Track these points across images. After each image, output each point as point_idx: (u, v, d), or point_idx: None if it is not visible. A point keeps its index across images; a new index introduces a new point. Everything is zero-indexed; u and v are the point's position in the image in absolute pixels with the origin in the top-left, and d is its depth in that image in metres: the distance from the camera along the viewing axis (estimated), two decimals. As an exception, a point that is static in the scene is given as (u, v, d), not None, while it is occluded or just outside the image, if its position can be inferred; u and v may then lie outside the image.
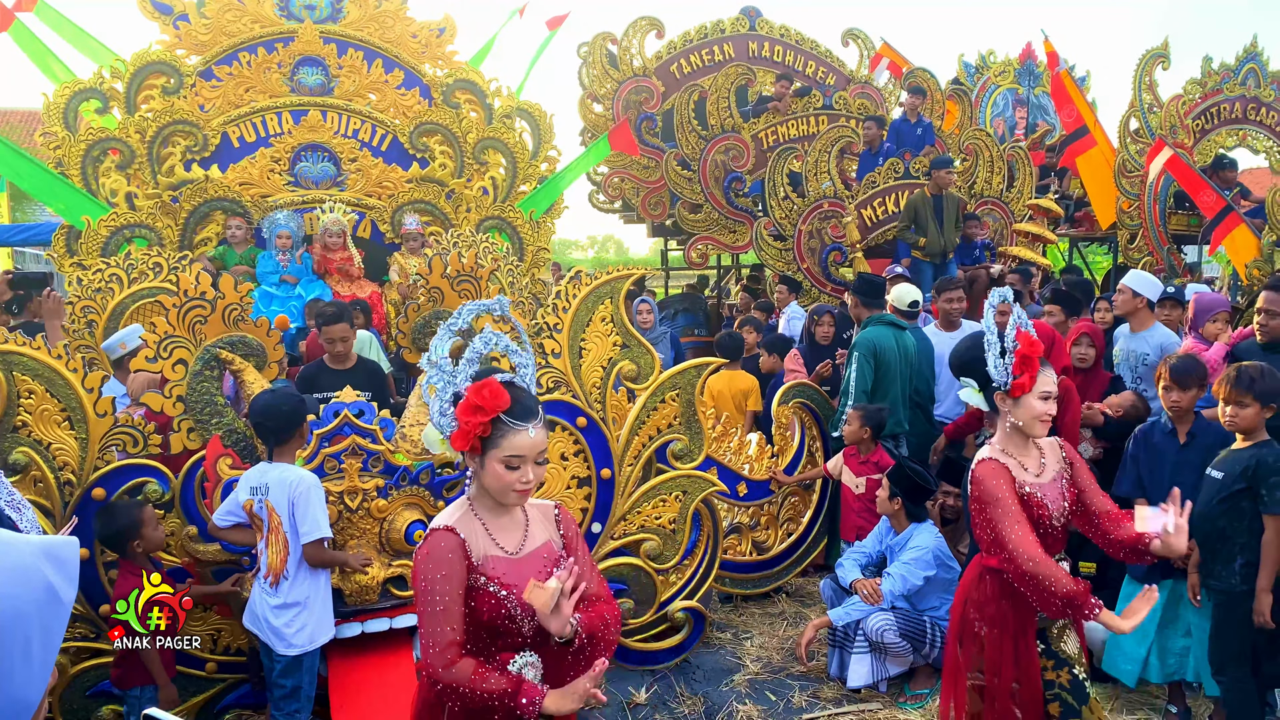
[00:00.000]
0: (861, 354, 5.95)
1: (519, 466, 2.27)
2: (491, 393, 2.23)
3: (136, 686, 3.80)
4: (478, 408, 2.23)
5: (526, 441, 2.26)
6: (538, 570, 2.34)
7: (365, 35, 8.58)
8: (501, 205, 8.50)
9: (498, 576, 2.30)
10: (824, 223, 9.93)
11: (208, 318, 4.27)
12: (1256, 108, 11.49)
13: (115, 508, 3.86)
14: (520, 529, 2.42)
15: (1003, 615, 3.07)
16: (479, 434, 2.24)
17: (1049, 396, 3.01)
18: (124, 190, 7.53)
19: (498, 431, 2.25)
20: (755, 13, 13.74)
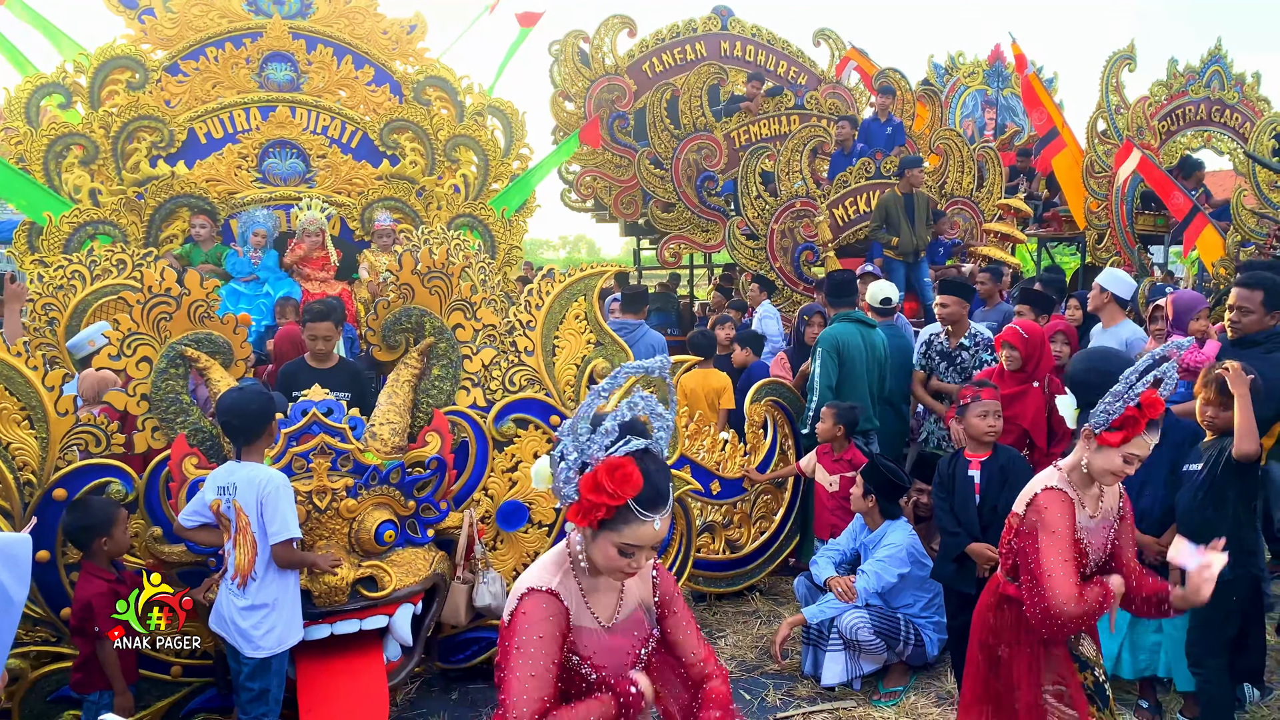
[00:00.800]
0: (824, 350, 5.97)
1: (634, 554, 2.07)
2: (624, 477, 2.00)
3: (95, 692, 3.72)
4: (607, 491, 2.00)
5: (650, 533, 2.05)
6: (628, 644, 2.21)
7: (335, 31, 8.49)
8: (473, 203, 8.44)
9: (589, 657, 2.14)
10: (796, 222, 9.94)
11: (173, 314, 4.20)
12: (1221, 110, 11.65)
13: (91, 503, 3.80)
14: (615, 593, 2.24)
15: (1024, 638, 3.00)
16: (601, 516, 2.03)
17: (1133, 461, 2.82)
18: (87, 186, 7.41)
19: (620, 518, 2.03)
20: (727, 12, 13.76)
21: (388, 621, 4.12)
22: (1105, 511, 2.98)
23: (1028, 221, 12.01)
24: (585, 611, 2.16)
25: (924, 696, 4.78)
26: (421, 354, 4.60)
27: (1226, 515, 3.98)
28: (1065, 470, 2.95)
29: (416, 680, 4.76)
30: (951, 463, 4.56)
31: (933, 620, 4.93)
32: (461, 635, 4.68)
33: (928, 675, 4.97)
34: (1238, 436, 3.88)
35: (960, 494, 4.44)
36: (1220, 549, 2.84)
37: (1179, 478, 4.21)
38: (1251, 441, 3.88)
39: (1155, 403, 2.79)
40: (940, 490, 4.55)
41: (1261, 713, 4.46)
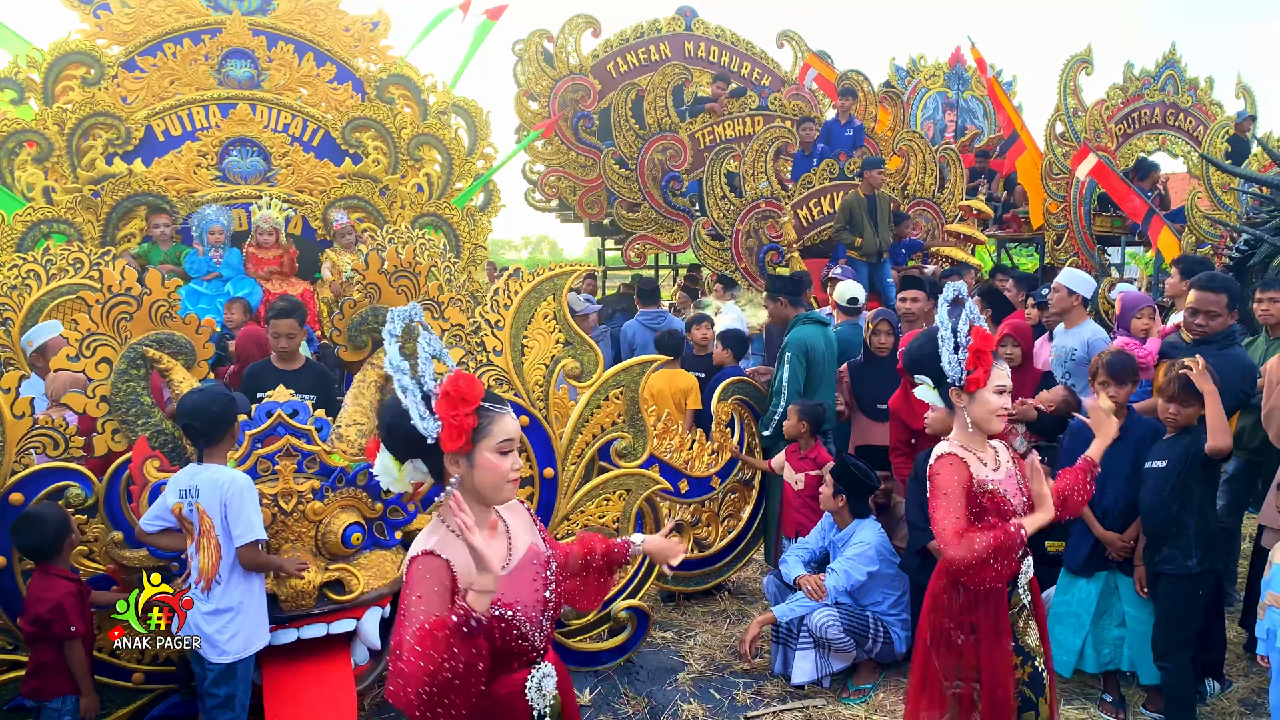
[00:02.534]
0: (794, 354, 5.99)
1: (510, 451, 2.19)
2: (467, 381, 2.13)
3: (57, 698, 3.63)
4: (461, 399, 2.11)
5: (512, 423, 2.21)
6: (531, 578, 2.28)
7: (296, 28, 8.40)
8: (437, 202, 8.38)
9: (498, 598, 2.15)
10: (761, 222, 9.99)
11: (133, 314, 4.10)
12: (1175, 113, 11.87)
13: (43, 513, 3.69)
14: (503, 539, 2.32)
15: (980, 620, 3.03)
16: (472, 424, 2.13)
17: (1004, 390, 3.00)
18: (41, 184, 7.26)
19: (484, 420, 2.16)
20: (691, 13, 13.78)
21: (355, 625, 4.05)
22: (1004, 462, 3.11)
23: (988, 223, 12.16)
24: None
25: (893, 693, 4.81)
26: (398, 357, 4.54)
27: (1192, 511, 4.05)
28: (954, 437, 3.10)
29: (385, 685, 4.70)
30: (928, 456, 4.57)
31: (900, 618, 4.96)
32: (429, 638, 4.63)
33: (896, 672, 5.00)
34: (1211, 432, 3.95)
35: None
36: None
37: (1141, 475, 4.27)
38: (1225, 437, 3.95)
39: (981, 333, 2.96)
40: (914, 484, 4.58)
41: (1223, 705, 4.54)
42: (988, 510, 2.97)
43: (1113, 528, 4.38)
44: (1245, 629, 5.04)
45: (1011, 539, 2.87)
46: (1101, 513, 4.41)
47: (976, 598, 3.03)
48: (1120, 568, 4.43)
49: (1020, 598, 3.11)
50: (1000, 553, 2.86)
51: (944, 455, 3.03)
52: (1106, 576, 4.47)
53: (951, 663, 3.08)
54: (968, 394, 2.99)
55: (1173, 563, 4.09)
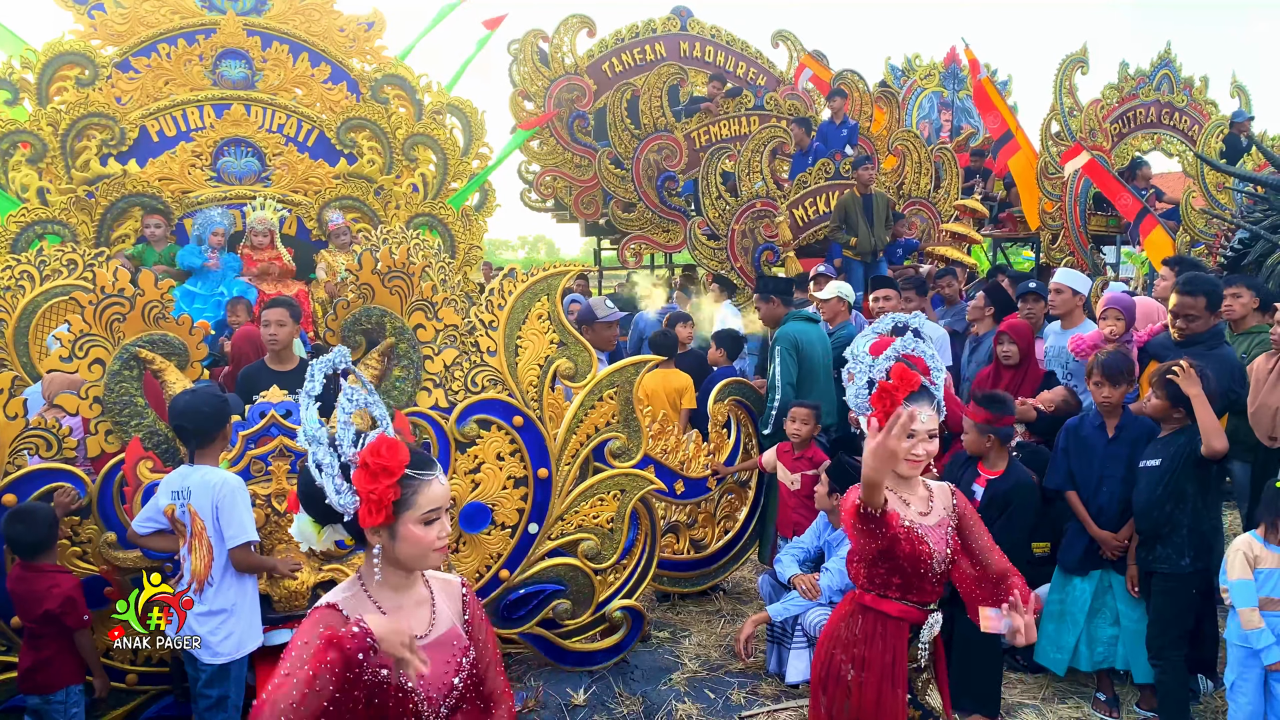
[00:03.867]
0: (783, 348, 6.01)
1: (436, 519, 2.03)
2: (389, 449, 1.95)
3: (61, 690, 3.66)
4: (383, 469, 1.93)
5: (441, 491, 2.03)
6: (444, 659, 2.08)
7: (291, 28, 8.39)
8: (432, 202, 8.37)
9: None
10: (757, 222, 9.98)
11: (126, 315, 4.10)
12: (1170, 112, 11.89)
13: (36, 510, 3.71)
14: (426, 608, 2.13)
15: (873, 658, 2.86)
16: (393, 498, 1.96)
17: (916, 435, 2.76)
18: (35, 185, 7.26)
19: (408, 490, 1.98)
20: (686, 13, 13.78)
21: (349, 626, 4.06)
22: (938, 511, 2.89)
23: (983, 222, 12.16)
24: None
25: None
26: (382, 355, 4.54)
27: (1185, 510, 4.06)
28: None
29: None
30: (962, 468, 4.55)
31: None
32: (424, 639, 4.63)
33: (890, 672, 4.99)
34: (1206, 435, 3.95)
35: None
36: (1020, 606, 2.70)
37: (1135, 474, 4.28)
38: (1221, 439, 3.96)
39: (903, 372, 2.74)
40: None
41: (1215, 703, 4.54)
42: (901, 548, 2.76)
43: (1107, 526, 4.38)
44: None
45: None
46: (1096, 511, 4.42)
47: (873, 631, 2.87)
48: (1114, 566, 4.44)
49: (919, 653, 2.93)
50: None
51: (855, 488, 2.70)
52: (1100, 575, 4.48)
53: (841, 701, 2.89)
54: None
55: (1166, 562, 4.10)
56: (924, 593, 2.87)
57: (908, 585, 2.84)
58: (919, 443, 2.79)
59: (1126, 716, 4.49)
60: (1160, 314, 5.52)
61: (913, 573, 2.81)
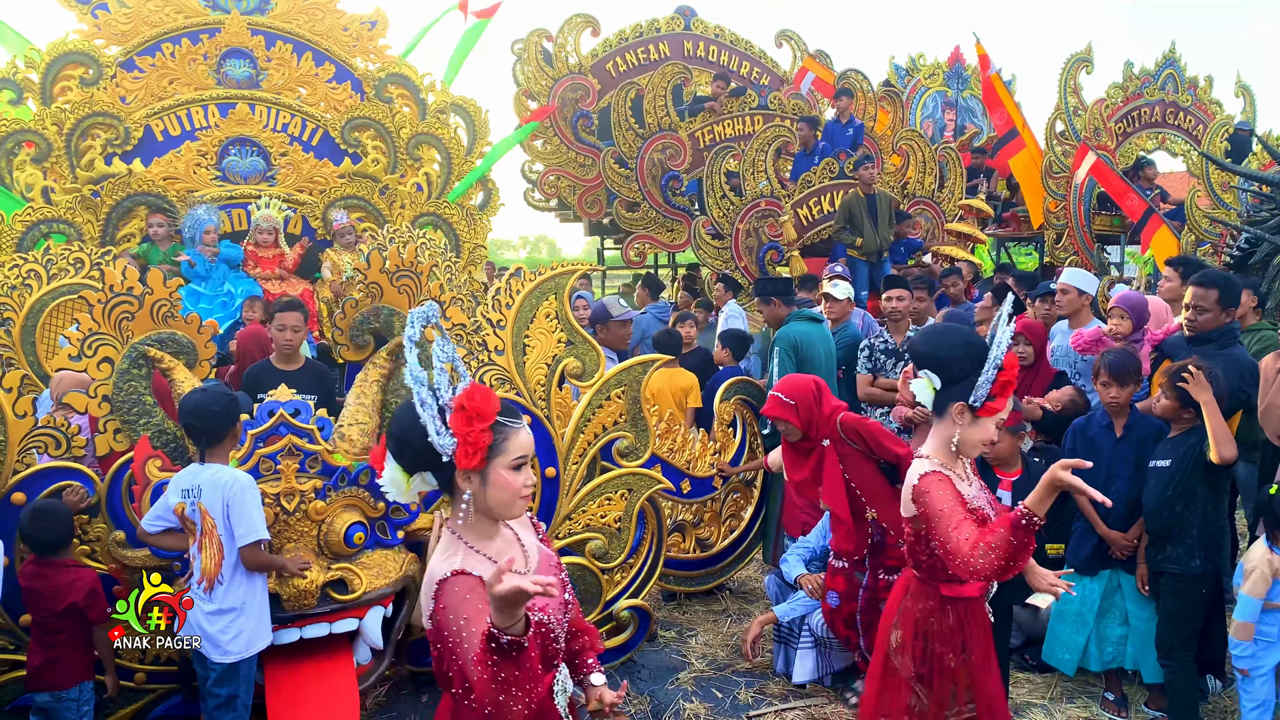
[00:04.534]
0: (782, 349, 6.03)
1: (523, 466, 2.13)
2: (483, 395, 2.05)
3: (76, 686, 3.68)
4: (478, 413, 2.03)
5: (527, 438, 2.15)
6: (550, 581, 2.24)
7: (294, 27, 8.39)
8: (436, 201, 8.37)
9: (530, 606, 2.04)
10: (761, 221, 9.99)
11: (135, 314, 4.10)
12: (1175, 112, 11.87)
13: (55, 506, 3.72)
14: (516, 545, 2.26)
15: (973, 640, 2.89)
16: (488, 441, 2.06)
17: (1002, 424, 2.90)
18: (40, 184, 7.26)
19: (499, 435, 2.09)
20: (690, 12, 13.79)
21: (358, 625, 4.05)
22: (979, 484, 2.95)
23: (987, 221, 12.16)
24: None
25: (894, 692, 4.80)
26: (390, 354, 4.54)
27: (1195, 510, 4.05)
28: (932, 454, 2.82)
29: (387, 683, 4.69)
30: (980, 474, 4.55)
31: (902, 616, 4.95)
32: (432, 638, 4.63)
33: (898, 671, 4.99)
34: (1215, 441, 3.93)
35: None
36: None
37: (1144, 473, 4.27)
38: (1230, 446, 3.95)
39: (1012, 362, 2.74)
40: None
41: (1224, 703, 4.54)
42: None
43: (1116, 526, 4.38)
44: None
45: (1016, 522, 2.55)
46: (1104, 511, 4.41)
47: (965, 617, 2.88)
48: (1123, 566, 4.43)
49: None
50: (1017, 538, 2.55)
51: (930, 473, 2.74)
52: (1109, 575, 4.47)
53: (948, 690, 2.89)
54: (975, 416, 2.75)
55: (1176, 562, 4.09)
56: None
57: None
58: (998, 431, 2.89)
59: (1135, 716, 4.49)
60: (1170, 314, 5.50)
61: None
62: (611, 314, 6.65)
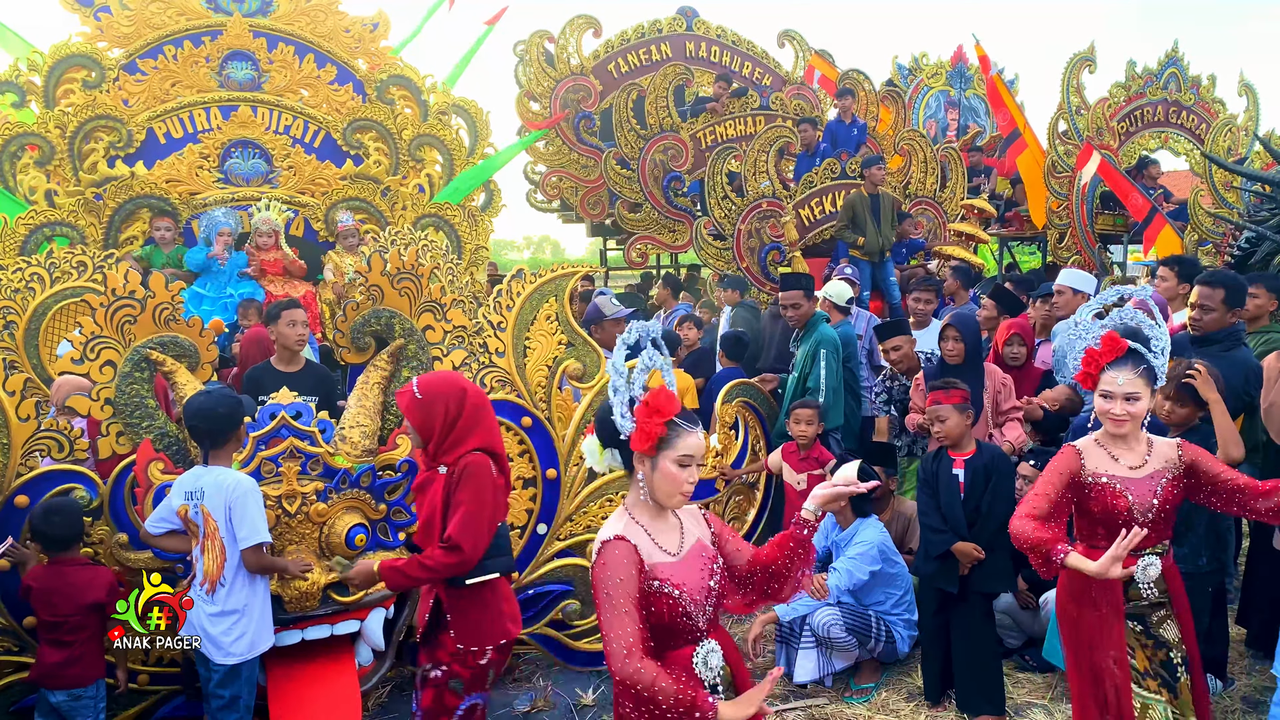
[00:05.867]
0: (829, 351, 6.03)
1: (689, 465, 2.47)
2: (667, 399, 2.45)
3: (93, 683, 3.71)
4: (656, 410, 2.42)
5: (697, 442, 2.48)
6: (699, 568, 2.54)
7: (296, 29, 8.40)
8: (438, 203, 8.38)
9: (668, 578, 2.46)
10: (763, 222, 9.97)
11: (137, 317, 4.12)
12: (1178, 111, 11.84)
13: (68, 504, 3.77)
14: (676, 531, 2.59)
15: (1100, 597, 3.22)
16: (660, 434, 2.42)
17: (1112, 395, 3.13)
18: (43, 187, 7.27)
19: (672, 433, 2.45)
20: (692, 13, 13.78)
21: (359, 626, 4.08)
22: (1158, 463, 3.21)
23: (990, 221, 12.15)
24: (654, 547, 2.49)
25: (895, 693, 4.82)
26: (391, 356, 4.55)
27: (1202, 511, 4.04)
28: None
29: (389, 685, 4.71)
30: (935, 461, 4.58)
31: (903, 617, 4.97)
32: (433, 639, 4.64)
33: (899, 672, 5.00)
34: (1223, 443, 3.95)
35: (946, 493, 4.46)
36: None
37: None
38: (1239, 446, 3.99)
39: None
40: (925, 488, 4.58)
41: (1225, 703, 4.54)
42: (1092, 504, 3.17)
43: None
44: (1243, 626, 5.03)
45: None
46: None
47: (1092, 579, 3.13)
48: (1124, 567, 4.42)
49: (1143, 592, 3.23)
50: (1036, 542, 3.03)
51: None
52: (1109, 575, 4.47)
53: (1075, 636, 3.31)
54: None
55: (1184, 561, 4.08)
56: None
57: (1111, 534, 3.04)
58: (1117, 402, 3.12)
59: (1136, 716, 4.49)
60: None
61: (1110, 524, 3.12)
62: (605, 314, 6.66)
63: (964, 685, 4.50)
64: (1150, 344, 3.19)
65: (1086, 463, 3.20)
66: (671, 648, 2.49)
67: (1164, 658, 3.26)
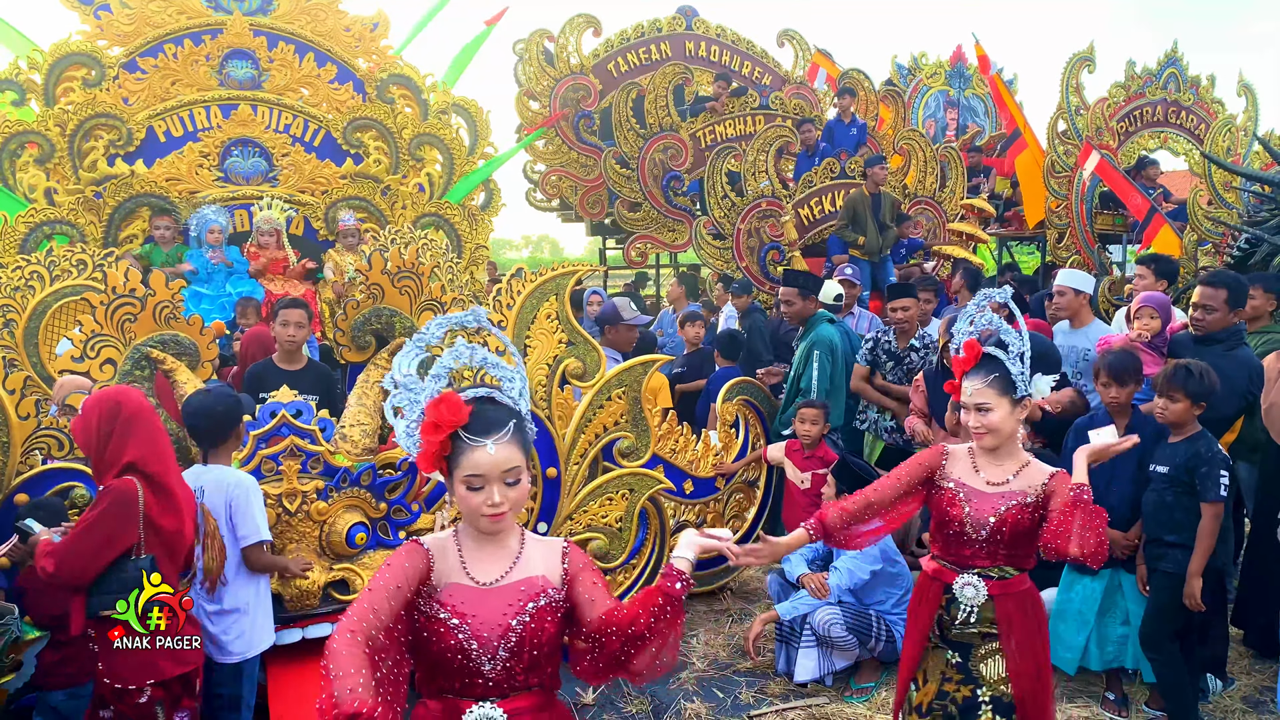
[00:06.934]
0: (822, 352, 6.03)
1: (481, 487, 2.06)
2: (449, 407, 2.04)
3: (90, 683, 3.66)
4: (435, 425, 2.04)
5: (486, 459, 2.04)
6: (507, 603, 2.12)
7: (296, 28, 8.39)
8: (438, 202, 8.38)
9: (453, 605, 2.09)
10: (762, 222, 9.98)
11: (137, 315, 4.12)
12: (1177, 111, 11.84)
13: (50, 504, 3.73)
14: (507, 561, 2.19)
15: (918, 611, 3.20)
16: (440, 453, 2.06)
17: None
18: (43, 185, 7.26)
19: (457, 449, 2.06)
20: (691, 12, 13.79)
21: (360, 625, 4.07)
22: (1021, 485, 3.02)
23: (989, 221, 12.15)
24: (459, 569, 2.14)
25: (895, 692, 4.81)
26: (392, 354, 4.55)
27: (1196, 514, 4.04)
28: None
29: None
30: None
31: (904, 617, 4.95)
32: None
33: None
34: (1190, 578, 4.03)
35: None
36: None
37: (1145, 473, 4.27)
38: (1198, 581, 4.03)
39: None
40: None
41: (1225, 703, 4.54)
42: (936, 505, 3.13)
43: (1117, 526, 4.36)
44: (1239, 627, 5.04)
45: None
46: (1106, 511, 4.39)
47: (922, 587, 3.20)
48: (1124, 566, 4.43)
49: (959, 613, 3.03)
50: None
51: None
52: (1110, 574, 4.47)
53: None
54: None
55: (1173, 562, 4.09)
56: (955, 554, 3.05)
57: (945, 544, 3.08)
58: (971, 413, 3.02)
59: (1135, 716, 4.49)
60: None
61: (943, 532, 3.08)
62: (623, 316, 6.65)
63: None
64: (1009, 349, 3.02)
65: (947, 465, 3.10)
66: (444, 693, 2.12)
67: (966, 695, 3.02)
